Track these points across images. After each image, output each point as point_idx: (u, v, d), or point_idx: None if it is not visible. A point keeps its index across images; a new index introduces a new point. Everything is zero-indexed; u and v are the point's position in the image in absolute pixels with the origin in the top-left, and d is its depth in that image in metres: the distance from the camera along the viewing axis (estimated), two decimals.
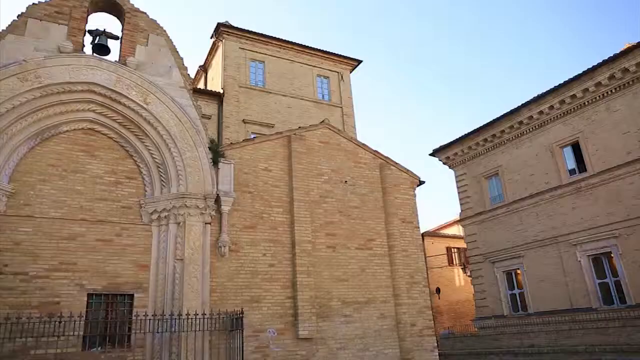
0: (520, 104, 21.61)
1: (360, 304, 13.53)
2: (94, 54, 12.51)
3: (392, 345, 13.57)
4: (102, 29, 12.92)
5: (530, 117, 21.48)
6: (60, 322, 9.36)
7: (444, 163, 26.42)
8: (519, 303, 21.70)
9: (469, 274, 26.73)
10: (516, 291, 21.97)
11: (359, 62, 26.16)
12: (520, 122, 21.93)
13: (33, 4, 12.06)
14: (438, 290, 30.72)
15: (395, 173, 15.72)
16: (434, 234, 34.24)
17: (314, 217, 13.65)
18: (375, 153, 15.71)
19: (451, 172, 26.50)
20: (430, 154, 26.77)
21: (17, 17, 11.76)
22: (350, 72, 26.11)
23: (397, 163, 15.91)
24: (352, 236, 14.17)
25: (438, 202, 77.18)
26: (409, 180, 15.98)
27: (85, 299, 10.88)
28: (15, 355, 9.58)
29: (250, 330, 11.66)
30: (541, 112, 21.03)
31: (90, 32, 12.79)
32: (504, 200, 22.74)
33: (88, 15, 12.86)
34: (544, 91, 20.53)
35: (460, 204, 25.25)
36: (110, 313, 11.07)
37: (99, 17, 13.96)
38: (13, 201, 10.89)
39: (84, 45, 12.44)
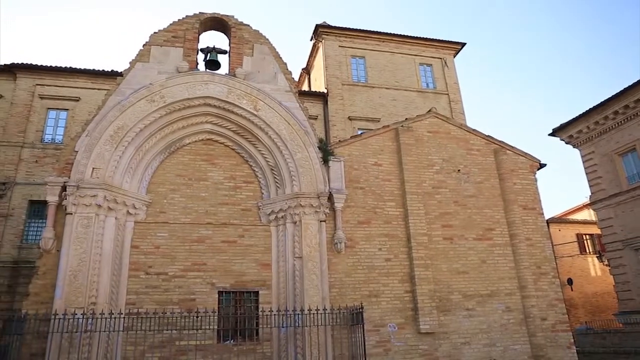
0: None
1: (482, 297, 12.88)
2: (207, 70, 13.50)
3: (522, 340, 12.70)
4: (212, 46, 13.88)
5: None
6: (197, 317, 10.32)
7: (567, 142, 24.10)
8: None
9: (606, 262, 24.07)
10: None
11: (462, 45, 25.01)
12: None
13: (154, 32, 13.36)
14: (570, 282, 28.15)
15: (512, 157, 14.70)
16: (560, 220, 31.45)
17: (428, 209, 13.30)
18: (488, 138, 14.85)
19: (575, 152, 24.08)
20: (549, 134, 24.62)
21: (143, 46, 13.13)
22: (454, 56, 25.08)
23: (513, 147, 14.86)
24: (469, 226, 13.55)
25: (563, 185, 70.82)
26: (527, 164, 14.85)
27: (216, 296, 11.78)
28: (164, 345, 10.76)
29: (371, 325, 11.70)
30: None
31: (202, 50, 13.81)
32: None
33: (199, 35, 13.91)
34: None
35: (590, 186, 22.84)
36: (238, 309, 11.85)
37: (208, 35, 15.04)
38: (151, 210, 12.19)
39: (197, 63, 13.48)
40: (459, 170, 14.12)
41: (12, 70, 19.45)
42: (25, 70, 19.57)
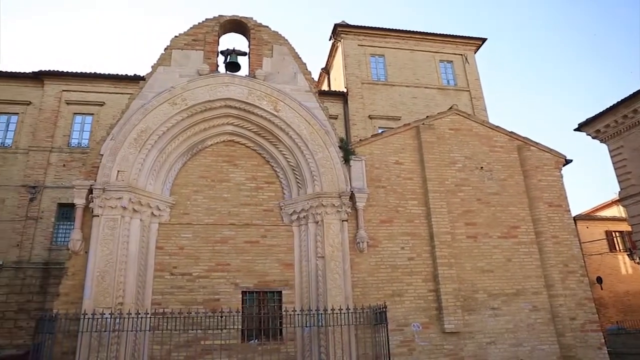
0: None
1: (508, 295, 12.67)
2: (227, 72, 13.61)
3: (550, 340, 12.44)
4: (232, 48, 14.00)
5: None
6: (222, 317, 10.44)
7: (594, 137, 23.39)
8: None
9: (637, 260, 23.38)
10: None
11: (483, 40, 24.66)
12: None
13: (175, 36, 13.55)
14: (599, 280, 27.42)
15: (536, 154, 14.43)
16: (588, 217, 30.64)
17: (450, 207, 13.16)
18: (511, 135, 14.60)
19: (603, 147, 23.42)
20: (575, 129, 24.00)
21: (164, 50, 13.33)
22: (475, 52, 24.73)
23: (537, 143, 14.59)
24: (493, 224, 13.35)
25: (590, 181, 69.14)
26: (552, 160, 14.56)
27: (240, 296, 11.87)
28: (189, 345, 10.92)
29: (394, 325, 11.63)
30: None
31: (222, 52, 13.95)
32: None
33: (219, 38, 14.05)
34: None
35: (619, 182, 22.13)
36: (262, 309, 11.92)
37: (228, 37, 15.15)
38: (175, 211, 12.36)
39: (217, 66, 13.61)
40: (481, 167, 13.94)
41: (39, 77, 19.99)
42: (52, 77, 20.08)
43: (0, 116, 19.72)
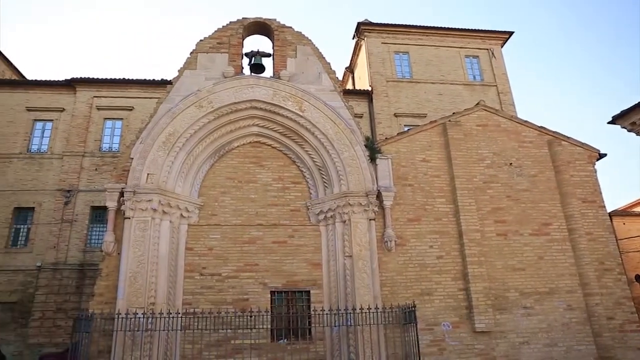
0: None
1: (541, 294, 12.38)
2: (252, 73, 13.75)
3: (586, 340, 12.09)
4: (256, 50, 14.12)
5: None
6: (251, 317, 10.55)
7: (629, 130, 22.40)
8: None
9: None
10: None
11: (510, 33, 24.13)
12: None
13: (200, 40, 13.76)
14: (638, 278, 26.49)
15: (568, 148, 14.04)
16: (625, 212, 29.59)
17: (479, 204, 12.94)
18: (541, 129, 14.25)
19: (639, 140, 22.62)
20: (609, 122, 23.21)
21: (190, 54, 13.55)
22: (502, 46, 24.23)
23: (568, 137, 14.19)
24: (524, 221, 13.06)
25: (626, 176, 66.79)
26: (585, 154, 14.13)
27: (269, 295, 11.97)
28: (220, 344, 11.07)
29: (424, 324, 11.52)
30: None
31: (246, 54, 14.09)
32: None
33: (243, 40, 14.19)
34: None
35: None
36: (291, 308, 11.97)
37: (252, 39, 15.28)
38: (203, 213, 12.56)
39: (242, 67, 13.75)
40: (510, 163, 13.66)
41: (72, 84, 20.61)
42: (83, 84, 20.67)
43: (37, 123, 20.44)
